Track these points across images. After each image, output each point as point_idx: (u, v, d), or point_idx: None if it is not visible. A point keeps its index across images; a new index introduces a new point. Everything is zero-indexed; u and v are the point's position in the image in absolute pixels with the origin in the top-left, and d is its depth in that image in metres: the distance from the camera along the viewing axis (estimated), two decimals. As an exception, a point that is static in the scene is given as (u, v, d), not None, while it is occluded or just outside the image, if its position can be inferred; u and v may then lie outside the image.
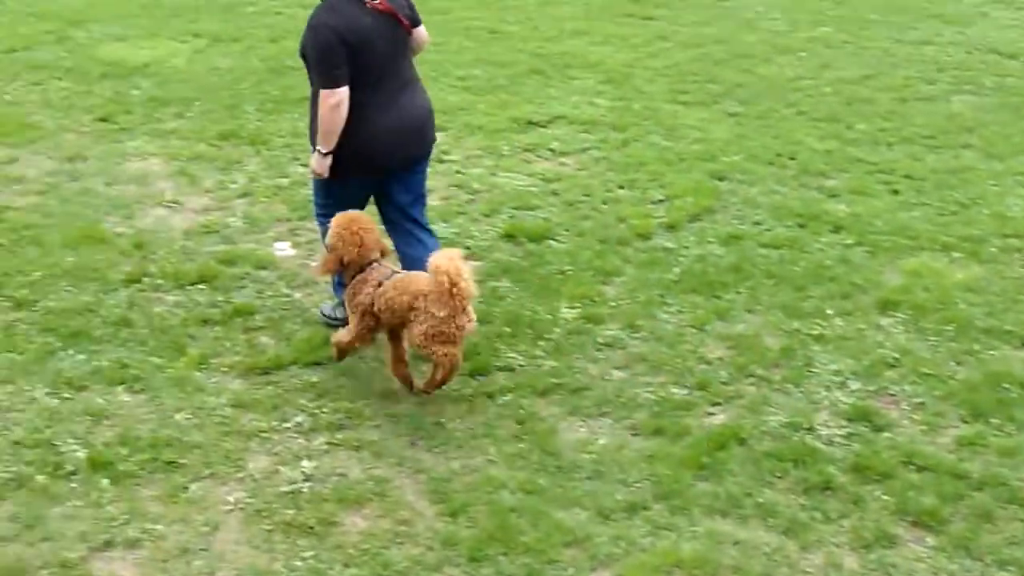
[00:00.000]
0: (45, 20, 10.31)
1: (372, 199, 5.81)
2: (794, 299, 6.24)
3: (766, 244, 6.85)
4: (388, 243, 5.66)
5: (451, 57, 9.44)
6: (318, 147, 5.45)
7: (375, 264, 5.37)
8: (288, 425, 5.24)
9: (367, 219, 5.47)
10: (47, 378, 5.55)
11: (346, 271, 5.42)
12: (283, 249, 6.80)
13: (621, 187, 7.58)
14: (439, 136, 6.09)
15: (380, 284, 5.31)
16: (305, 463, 4.95)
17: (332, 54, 5.32)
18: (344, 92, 5.32)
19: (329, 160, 5.46)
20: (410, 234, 5.82)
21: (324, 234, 5.56)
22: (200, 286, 6.40)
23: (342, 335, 5.50)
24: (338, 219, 5.40)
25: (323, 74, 5.36)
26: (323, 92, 5.35)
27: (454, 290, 4.98)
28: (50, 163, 7.74)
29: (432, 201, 7.29)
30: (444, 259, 5.03)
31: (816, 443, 5.10)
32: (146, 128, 8.25)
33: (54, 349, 5.78)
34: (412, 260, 5.68)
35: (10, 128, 8.20)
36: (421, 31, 5.72)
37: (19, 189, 7.42)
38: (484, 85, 8.95)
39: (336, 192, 5.61)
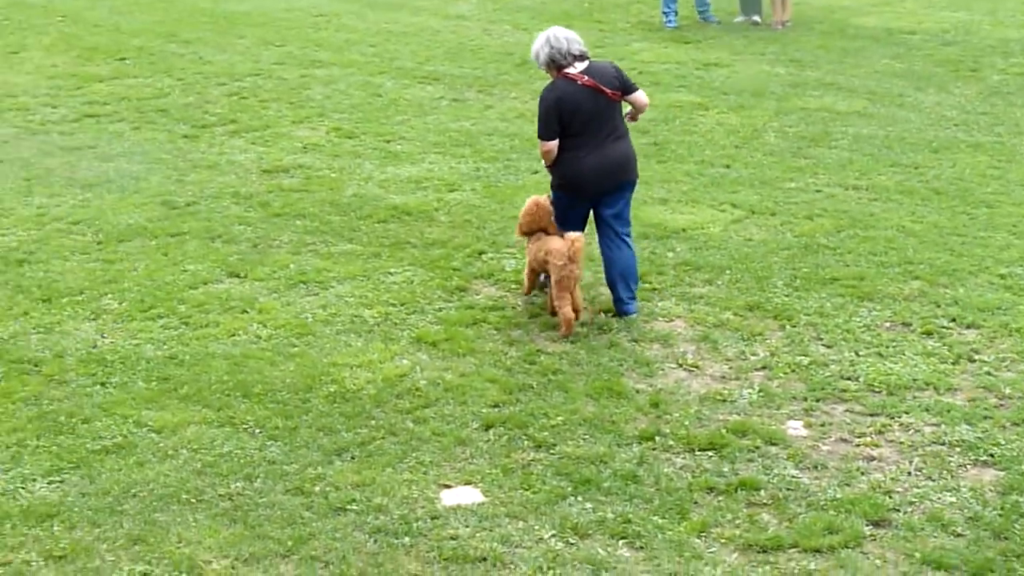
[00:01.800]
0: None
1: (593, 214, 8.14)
2: None
3: None
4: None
5: (993, 253, 9.06)
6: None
7: (540, 233, 7.92)
8: (781, 610, 5.14)
9: (544, 205, 7.93)
10: (555, 521, 5.79)
11: (528, 235, 8.03)
12: (796, 428, 6.75)
13: None
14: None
15: (535, 243, 7.92)
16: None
17: (548, 118, 7.77)
18: (552, 144, 7.80)
19: (552, 175, 8.07)
20: (612, 240, 8.05)
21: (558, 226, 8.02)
22: (709, 453, 6.47)
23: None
24: (527, 203, 8.02)
25: (541, 130, 7.84)
26: (540, 142, 7.89)
27: (571, 251, 7.62)
28: (584, 313, 8.14)
29: (956, 400, 7.00)
30: (571, 235, 7.68)
31: None
32: (676, 291, 8.51)
33: (565, 494, 6.04)
34: (609, 259, 8.07)
35: (552, 276, 8.74)
36: (636, 96, 7.99)
37: (553, 335, 7.86)
38: (1027, 285, 8.54)
39: (563, 208, 7.99)
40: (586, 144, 7.77)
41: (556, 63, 7.80)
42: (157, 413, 6.90)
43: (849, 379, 7.28)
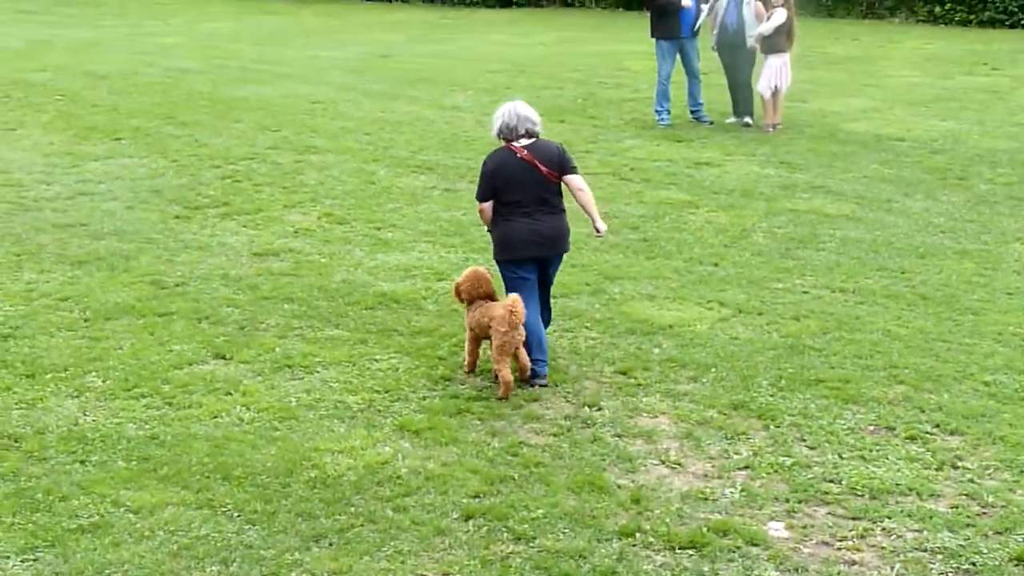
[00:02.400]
0: (586, 272, 11.01)
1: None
2: None
3: None
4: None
5: (979, 360, 9.09)
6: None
7: (481, 301, 8.42)
8: None
9: (483, 274, 8.52)
10: (533, 615, 5.73)
11: (467, 302, 8.53)
12: (777, 529, 6.71)
13: None
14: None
15: (477, 309, 8.38)
16: None
17: (484, 182, 8.58)
18: (486, 205, 8.59)
19: (491, 239, 8.84)
20: (538, 307, 8.72)
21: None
22: (689, 551, 6.43)
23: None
24: (466, 272, 8.61)
25: (478, 192, 8.67)
26: (477, 202, 8.70)
27: (512, 317, 8.07)
28: (568, 407, 8.14)
29: (938, 507, 6.97)
30: (510, 299, 8.17)
31: None
32: (661, 387, 8.51)
33: (544, 588, 5.98)
34: (528, 326, 8.45)
35: (538, 369, 8.74)
36: (572, 178, 8.59)
37: (536, 427, 7.85)
38: (1012, 394, 8.53)
39: (508, 278, 8.65)
40: (519, 212, 8.49)
41: (504, 135, 8.58)
42: (135, 493, 6.85)
43: (832, 482, 7.26)
